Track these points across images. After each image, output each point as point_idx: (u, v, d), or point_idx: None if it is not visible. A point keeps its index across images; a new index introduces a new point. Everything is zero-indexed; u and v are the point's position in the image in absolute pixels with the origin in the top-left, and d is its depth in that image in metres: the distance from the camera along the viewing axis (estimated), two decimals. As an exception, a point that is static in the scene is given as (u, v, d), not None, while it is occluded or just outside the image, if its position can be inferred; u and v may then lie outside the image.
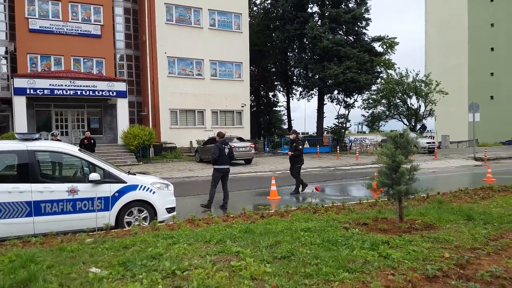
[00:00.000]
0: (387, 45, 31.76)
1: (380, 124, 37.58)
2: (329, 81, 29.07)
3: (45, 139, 9.88)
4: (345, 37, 31.03)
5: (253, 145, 21.26)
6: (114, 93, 22.18)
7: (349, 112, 34.74)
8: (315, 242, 4.70)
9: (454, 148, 38.25)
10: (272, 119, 40.82)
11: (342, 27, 31.15)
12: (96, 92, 21.68)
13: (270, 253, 4.32)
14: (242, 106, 27.55)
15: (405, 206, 5.94)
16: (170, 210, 7.19)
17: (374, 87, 33.28)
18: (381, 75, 32.64)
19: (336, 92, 32.67)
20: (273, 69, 37.74)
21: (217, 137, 9.60)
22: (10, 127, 22.46)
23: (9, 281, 3.58)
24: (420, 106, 33.50)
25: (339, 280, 3.55)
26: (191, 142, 24.50)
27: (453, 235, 5.04)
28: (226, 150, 9.28)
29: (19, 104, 20.06)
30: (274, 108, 41.91)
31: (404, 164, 5.48)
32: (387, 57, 32.25)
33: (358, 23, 31.09)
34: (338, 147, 27.10)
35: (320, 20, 31.05)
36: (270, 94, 41.16)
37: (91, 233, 5.63)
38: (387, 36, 31.69)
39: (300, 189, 11.03)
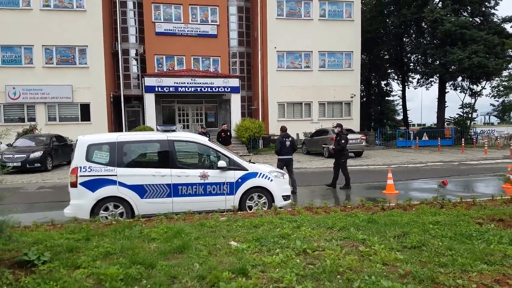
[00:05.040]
0: (521, 25, 27.37)
1: (513, 114, 32.68)
2: (452, 67, 26.50)
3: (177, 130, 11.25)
4: (470, 19, 27.82)
5: (364, 137, 20.55)
6: (229, 89, 23.83)
7: (475, 101, 31.20)
8: (446, 235, 4.53)
9: None
10: (384, 110, 38.48)
11: (467, 8, 28.30)
12: (213, 89, 23.62)
13: (398, 242, 4.30)
14: (352, 97, 26.77)
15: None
16: (286, 197, 7.60)
17: (505, 73, 29.24)
18: (514, 59, 28.36)
19: (460, 79, 29.71)
20: (386, 57, 35.75)
21: (280, 131, 10.72)
22: (140, 121, 25.88)
23: (167, 248, 4.29)
24: (561, 95, 28.08)
25: (477, 271, 3.45)
26: (297, 134, 24.81)
27: None
28: (288, 143, 10.39)
29: (149, 101, 22.92)
30: (386, 98, 39.54)
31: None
32: (521, 39, 27.84)
33: (486, 3, 27.99)
34: (462, 139, 24.56)
35: (441, 2, 28.40)
36: (383, 83, 39.06)
37: (222, 213, 6.28)
38: (522, 16, 27.36)
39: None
